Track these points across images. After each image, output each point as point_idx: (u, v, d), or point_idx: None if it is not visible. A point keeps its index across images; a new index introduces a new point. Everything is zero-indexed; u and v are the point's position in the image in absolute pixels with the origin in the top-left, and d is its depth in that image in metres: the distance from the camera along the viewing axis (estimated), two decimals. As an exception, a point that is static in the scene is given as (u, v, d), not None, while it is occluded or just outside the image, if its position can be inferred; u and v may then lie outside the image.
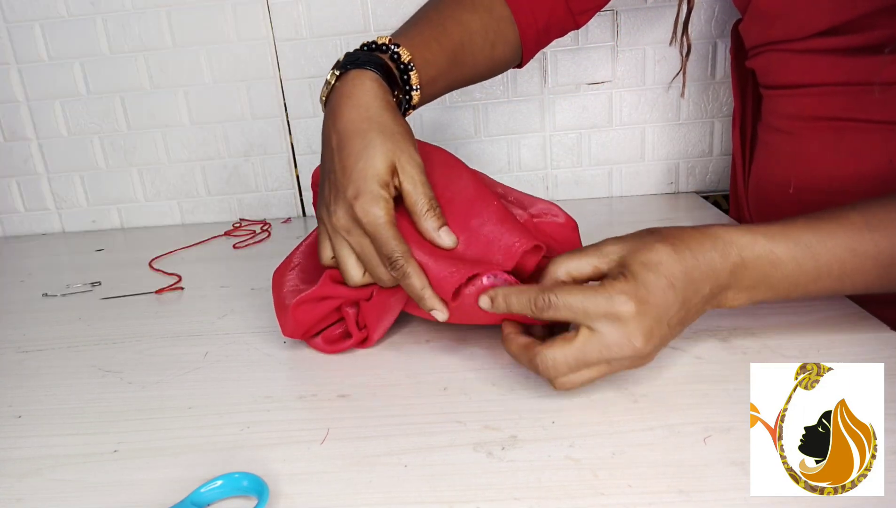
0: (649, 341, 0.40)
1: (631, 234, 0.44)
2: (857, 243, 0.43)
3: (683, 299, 0.41)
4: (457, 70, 0.60)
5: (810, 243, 0.43)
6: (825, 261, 0.43)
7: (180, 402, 0.48)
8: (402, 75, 0.54)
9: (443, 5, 0.61)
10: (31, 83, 0.94)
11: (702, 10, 0.87)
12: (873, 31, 0.52)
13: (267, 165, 0.97)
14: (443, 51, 0.58)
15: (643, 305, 0.39)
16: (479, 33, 0.61)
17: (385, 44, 0.54)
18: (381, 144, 0.47)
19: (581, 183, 0.97)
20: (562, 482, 0.37)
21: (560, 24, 0.67)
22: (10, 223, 1.02)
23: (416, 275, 0.46)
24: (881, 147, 0.55)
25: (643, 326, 0.40)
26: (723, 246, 0.42)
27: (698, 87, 0.91)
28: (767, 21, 0.61)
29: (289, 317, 0.51)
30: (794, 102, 0.62)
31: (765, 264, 0.43)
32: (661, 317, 0.40)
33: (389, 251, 0.46)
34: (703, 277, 0.41)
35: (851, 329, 0.50)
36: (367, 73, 0.51)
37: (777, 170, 0.66)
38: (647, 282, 0.40)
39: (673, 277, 0.40)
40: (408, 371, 0.50)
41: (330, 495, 0.37)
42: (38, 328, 0.65)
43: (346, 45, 0.90)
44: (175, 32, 0.91)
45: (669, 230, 0.43)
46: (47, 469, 0.42)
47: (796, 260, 0.43)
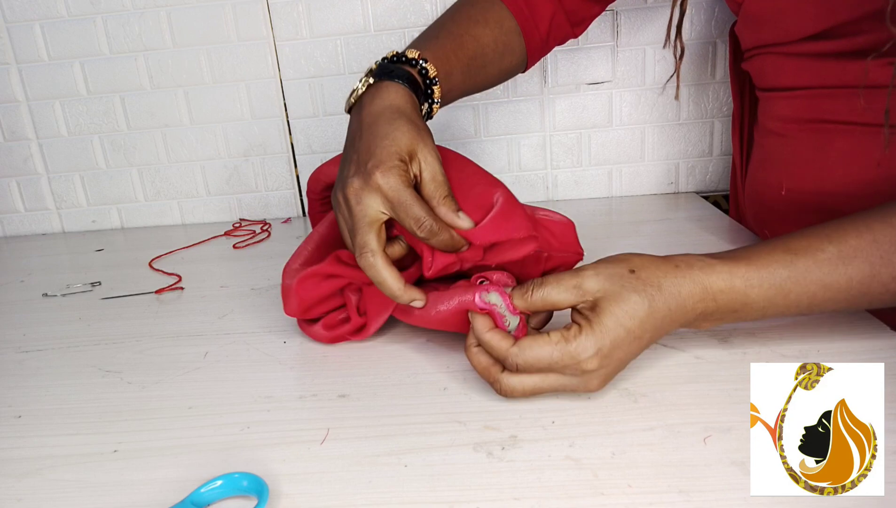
0: (604, 383, 0.43)
1: (611, 266, 0.44)
2: (830, 279, 0.44)
3: (648, 344, 0.44)
4: (470, 81, 0.64)
5: (783, 283, 0.44)
6: (795, 297, 0.44)
7: (180, 402, 0.48)
8: (427, 89, 0.57)
9: (460, 18, 0.64)
10: (31, 83, 0.94)
11: (702, 11, 0.87)
12: (859, 37, 0.53)
13: (267, 165, 0.97)
14: (459, 64, 0.60)
15: (607, 359, 0.41)
16: (490, 46, 0.64)
17: (414, 58, 0.56)
18: (406, 130, 0.49)
19: (581, 183, 0.97)
20: (562, 482, 0.37)
21: (560, 34, 0.70)
22: (10, 223, 1.02)
23: (447, 231, 0.48)
24: (869, 150, 0.56)
25: (603, 375, 0.42)
26: (700, 293, 0.43)
27: (698, 87, 0.91)
28: (758, 24, 0.62)
29: (293, 293, 0.52)
30: (787, 104, 0.63)
31: (736, 304, 0.44)
32: (622, 363, 0.43)
33: (416, 214, 0.47)
34: (672, 323, 0.43)
35: (851, 329, 0.50)
36: (398, 84, 0.53)
37: (770, 172, 0.66)
38: (613, 336, 0.41)
39: (642, 329, 0.42)
40: (408, 371, 0.50)
41: (330, 495, 0.37)
42: (38, 328, 0.65)
43: (346, 45, 0.90)
44: (175, 32, 0.91)
45: (650, 276, 0.43)
46: (47, 469, 0.42)
47: (768, 299, 0.44)
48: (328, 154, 0.96)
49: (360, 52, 0.91)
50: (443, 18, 0.65)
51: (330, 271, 0.52)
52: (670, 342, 0.50)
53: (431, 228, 0.47)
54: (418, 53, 0.56)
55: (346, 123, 0.96)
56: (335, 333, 0.54)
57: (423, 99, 0.56)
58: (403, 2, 0.88)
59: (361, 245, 0.47)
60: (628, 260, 0.44)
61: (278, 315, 0.61)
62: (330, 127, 0.95)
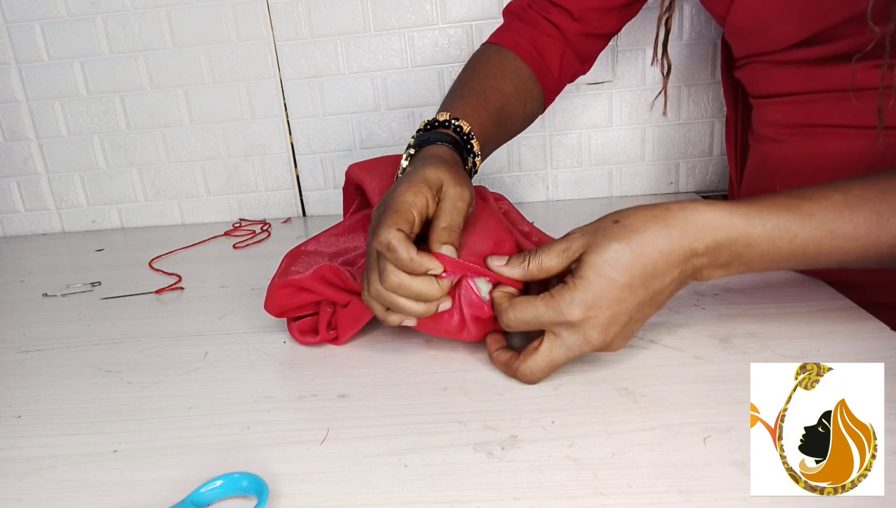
0: (607, 335, 0.43)
1: (597, 222, 0.45)
2: (835, 225, 0.43)
3: (645, 292, 0.43)
4: (503, 130, 0.66)
5: (788, 224, 0.43)
6: (801, 242, 0.43)
7: (180, 402, 0.48)
8: (466, 144, 0.57)
9: (479, 75, 0.66)
10: (31, 83, 0.94)
11: (702, 11, 0.87)
12: (843, 41, 0.54)
13: (267, 165, 0.97)
14: (490, 117, 0.62)
15: (592, 309, 0.42)
16: (513, 95, 0.66)
17: (447, 120, 0.57)
18: (439, 167, 0.48)
19: (581, 183, 0.97)
20: (562, 482, 0.37)
21: (570, 71, 0.73)
22: (10, 223, 1.02)
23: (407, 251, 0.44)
24: (861, 152, 0.56)
25: (597, 326, 0.43)
26: (695, 231, 0.42)
27: (698, 87, 0.91)
28: (744, 36, 0.63)
29: (272, 295, 0.54)
30: (778, 110, 0.63)
31: (740, 245, 0.43)
32: (617, 314, 0.43)
33: (392, 220, 0.44)
34: (669, 266, 0.43)
35: (851, 330, 0.50)
36: (438, 145, 0.54)
37: (764, 177, 0.67)
38: (595, 288, 0.42)
39: (630, 276, 0.42)
40: (408, 371, 0.50)
41: (330, 495, 0.37)
42: (38, 328, 0.65)
43: (346, 45, 0.90)
44: (175, 32, 0.91)
45: (633, 221, 0.43)
46: (47, 469, 0.42)
47: (772, 240, 0.43)
48: (328, 154, 0.96)
49: (360, 52, 0.91)
50: (462, 79, 0.66)
51: (306, 286, 0.53)
52: (670, 342, 0.50)
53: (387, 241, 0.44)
54: (449, 114, 0.57)
55: (346, 122, 0.97)
56: (306, 339, 0.55)
57: (466, 154, 0.57)
58: (403, 2, 0.88)
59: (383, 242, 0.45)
60: (616, 213, 0.45)
61: (278, 315, 0.61)
62: (330, 127, 0.95)
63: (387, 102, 0.93)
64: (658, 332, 0.52)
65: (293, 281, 0.53)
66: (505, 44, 0.69)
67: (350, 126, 0.95)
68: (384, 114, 0.94)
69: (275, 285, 0.54)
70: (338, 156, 0.96)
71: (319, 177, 0.98)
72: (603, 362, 0.48)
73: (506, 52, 0.69)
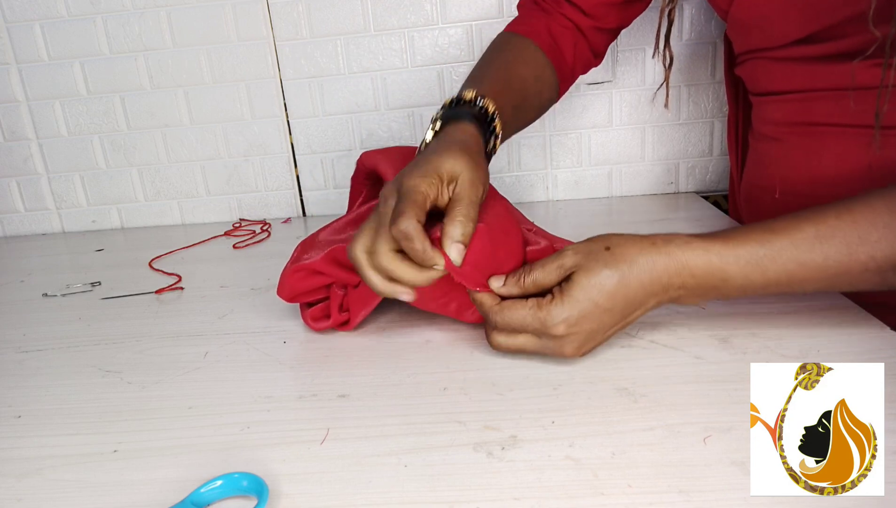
0: (580, 350, 0.47)
1: (590, 244, 0.47)
2: (806, 257, 0.45)
3: (621, 316, 0.46)
4: (519, 117, 0.66)
5: (759, 260, 0.45)
6: (773, 274, 0.45)
7: (180, 402, 0.48)
8: (489, 125, 0.57)
9: (499, 61, 0.67)
10: (31, 83, 0.94)
11: (702, 11, 0.87)
12: (845, 40, 0.54)
13: (267, 165, 0.97)
14: (510, 102, 0.62)
15: (574, 327, 0.45)
16: (531, 83, 0.67)
17: (472, 99, 0.57)
18: (458, 154, 0.48)
19: (581, 183, 0.97)
20: (562, 482, 0.37)
21: (583, 61, 0.74)
22: (10, 223, 1.02)
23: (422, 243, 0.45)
24: (861, 151, 0.56)
25: (574, 342, 0.46)
26: (675, 267, 0.45)
27: (698, 87, 0.91)
28: (746, 30, 0.63)
29: (285, 280, 0.56)
30: (779, 108, 0.63)
31: (715, 279, 0.46)
32: (594, 332, 0.46)
33: (400, 208, 0.45)
34: (647, 296, 0.46)
35: (851, 329, 0.50)
36: (464, 123, 0.54)
37: (764, 175, 0.67)
38: (580, 306, 0.45)
39: (612, 302, 0.45)
40: (408, 371, 0.50)
41: (330, 495, 0.37)
42: (38, 328, 0.65)
43: (346, 45, 0.90)
44: (175, 32, 0.91)
45: (624, 251, 0.46)
46: (47, 469, 0.42)
47: (745, 275, 0.45)
48: (328, 154, 0.96)
49: (360, 52, 0.91)
50: (484, 62, 0.67)
51: (319, 269, 0.55)
52: (670, 342, 0.50)
53: (406, 231, 0.44)
54: (475, 92, 0.57)
55: (346, 122, 0.97)
56: (320, 325, 0.57)
57: (488, 135, 0.57)
58: (403, 2, 0.88)
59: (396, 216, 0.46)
60: (607, 239, 0.47)
61: (278, 315, 0.61)
62: (330, 127, 0.95)
63: (387, 102, 0.93)
64: (658, 332, 0.52)
65: (306, 265, 0.55)
66: (523, 32, 0.70)
67: (350, 126, 0.95)
68: (384, 114, 0.94)
69: (288, 270, 0.56)
70: (338, 156, 0.96)
71: (319, 177, 0.98)
72: (603, 362, 0.48)
73: (525, 40, 0.69)
